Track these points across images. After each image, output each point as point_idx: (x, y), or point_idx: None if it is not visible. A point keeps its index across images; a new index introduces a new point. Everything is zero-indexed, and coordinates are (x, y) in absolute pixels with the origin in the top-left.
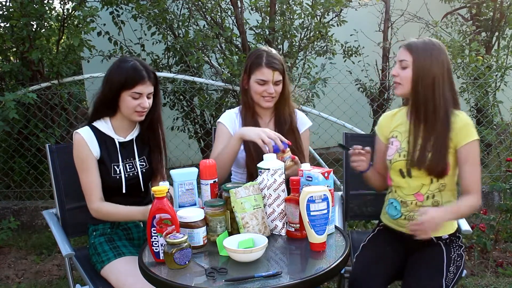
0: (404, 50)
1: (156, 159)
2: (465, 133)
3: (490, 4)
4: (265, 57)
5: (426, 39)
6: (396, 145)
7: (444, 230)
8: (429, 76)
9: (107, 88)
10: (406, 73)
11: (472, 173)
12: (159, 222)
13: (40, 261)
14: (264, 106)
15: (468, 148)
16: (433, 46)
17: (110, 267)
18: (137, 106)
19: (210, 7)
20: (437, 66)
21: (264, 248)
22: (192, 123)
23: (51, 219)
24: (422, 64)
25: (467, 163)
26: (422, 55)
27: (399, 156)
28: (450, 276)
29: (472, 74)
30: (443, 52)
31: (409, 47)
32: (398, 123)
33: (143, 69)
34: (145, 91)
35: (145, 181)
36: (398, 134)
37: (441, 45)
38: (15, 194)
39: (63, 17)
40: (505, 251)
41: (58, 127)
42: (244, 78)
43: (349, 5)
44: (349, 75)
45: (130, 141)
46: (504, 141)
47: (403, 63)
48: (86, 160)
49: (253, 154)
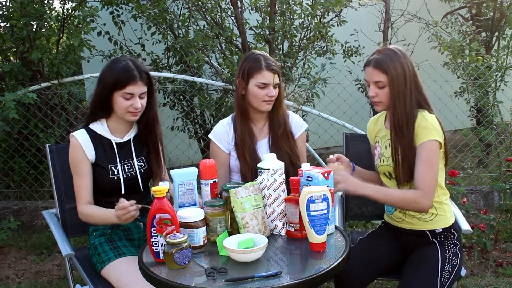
0: (376, 70)
1: (153, 159)
2: (421, 133)
3: (490, 4)
4: (263, 60)
5: (389, 50)
6: (378, 151)
7: (437, 224)
8: (403, 89)
9: (99, 89)
10: (384, 91)
11: (423, 173)
12: (159, 222)
13: (40, 261)
14: (264, 109)
15: (422, 147)
16: (399, 56)
17: (111, 267)
18: (129, 107)
19: (210, 7)
20: (407, 75)
21: (264, 248)
22: (192, 123)
23: (51, 219)
24: (396, 80)
25: (420, 162)
26: (394, 70)
27: (380, 162)
28: (445, 275)
29: (472, 74)
30: (407, 57)
31: (381, 67)
32: (379, 128)
33: (135, 69)
34: (136, 91)
35: (144, 181)
36: (379, 139)
37: (403, 51)
38: (15, 194)
39: (63, 17)
40: (505, 251)
41: (58, 127)
42: (241, 83)
43: (349, 5)
44: (349, 75)
45: (127, 142)
46: (504, 141)
47: (380, 84)
48: (79, 163)
49: (248, 163)
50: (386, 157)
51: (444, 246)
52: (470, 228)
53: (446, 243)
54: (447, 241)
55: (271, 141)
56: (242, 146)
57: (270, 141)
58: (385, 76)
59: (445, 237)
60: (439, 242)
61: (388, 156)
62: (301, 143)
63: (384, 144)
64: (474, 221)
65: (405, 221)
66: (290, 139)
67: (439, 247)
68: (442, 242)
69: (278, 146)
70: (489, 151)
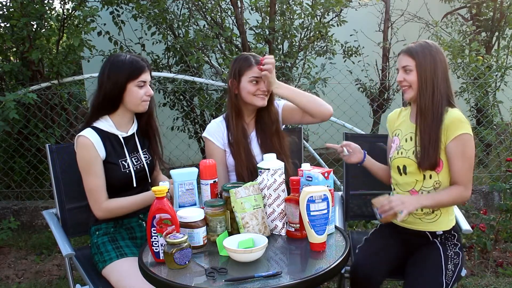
0: (405, 55)
1: (154, 148)
2: (454, 127)
3: (490, 4)
4: (252, 58)
5: (422, 41)
6: (396, 143)
7: (438, 226)
8: (431, 76)
9: (110, 84)
10: (412, 76)
11: (460, 168)
12: (159, 222)
13: (40, 261)
14: (260, 104)
15: (457, 141)
16: (431, 47)
17: (112, 267)
18: (143, 96)
19: (210, 7)
20: (436, 66)
21: (264, 248)
22: (192, 123)
23: (51, 219)
24: (424, 66)
25: (455, 157)
26: (423, 57)
27: (397, 154)
28: (449, 274)
29: (472, 74)
30: (440, 52)
31: (409, 52)
32: (401, 121)
33: (140, 59)
34: (147, 78)
35: (150, 172)
36: (399, 132)
37: (437, 46)
38: (15, 194)
39: (63, 17)
40: (505, 251)
41: (58, 127)
42: (233, 84)
43: (349, 5)
44: (349, 75)
45: (132, 135)
46: (504, 141)
47: (407, 68)
48: (94, 163)
49: (244, 162)
50: (405, 149)
51: (445, 245)
52: (470, 228)
53: (447, 243)
54: (448, 241)
55: (261, 137)
56: (237, 145)
57: (258, 135)
58: (412, 60)
59: (446, 238)
60: (440, 242)
61: (408, 149)
62: (288, 107)
63: (404, 137)
64: (474, 221)
65: (407, 222)
66: (280, 137)
67: (441, 246)
68: (443, 242)
69: (271, 144)
70: (489, 151)
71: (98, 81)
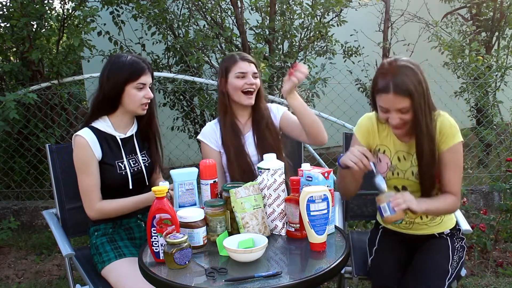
0: (398, 97)
1: (153, 151)
2: (450, 135)
3: (490, 4)
4: (237, 55)
5: (399, 68)
6: (386, 162)
7: (444, 226)
8: (423, 103)
9: (109, 85)
10: (409, 116)
11: (452, 178)
12: (159, 222)
13: (40, 261)
14: (246, 103)
15: (449, 151)
16: (413, 71)
17: (111, 267)
18: (142, 98)
19: (210, 7)
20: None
21: (264, 248)
22: (192, 123)
23: (51, 219)
24: (419, 101)
25: (447, 167)
26: (416, 90)
27: (392, 175)
28: (454, 264)
29: (472, 74)
30: (419, 68)
31: (402, 91)
32: (384, 136)
33: (141, 61)
34: (148, 81)
35: (148, 175)
36: (386, 149)
37: (413, 63)
38: (15, 194)
39: (63, 17)
40: (505, 251)
41: (58, 127)
42: (222, 82)
43: (349, 5)
44: (349, 75)
45: (130, 137)
46: (504, 141)
47: (404, 109)
48: (89, 163)
49: (233, 158)
50: (401, 170)
51: (453, 238)
52: (470, 228)
53: (453, 237)
54: (453, 236)
55: (256, 134)
56: (226, 142)
57: (254, 134)
58: (409, 100)
59: (452, 234)
60: (447, 235)
61: (405, 169)
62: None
63: (395, 156)
64: (474, 221)
65: (412, 229)
66: (273, 133)
67: (448, 238)
68: (450, 235)
69: (263, 138)
70: (489, 151)
71: (99, 81)
